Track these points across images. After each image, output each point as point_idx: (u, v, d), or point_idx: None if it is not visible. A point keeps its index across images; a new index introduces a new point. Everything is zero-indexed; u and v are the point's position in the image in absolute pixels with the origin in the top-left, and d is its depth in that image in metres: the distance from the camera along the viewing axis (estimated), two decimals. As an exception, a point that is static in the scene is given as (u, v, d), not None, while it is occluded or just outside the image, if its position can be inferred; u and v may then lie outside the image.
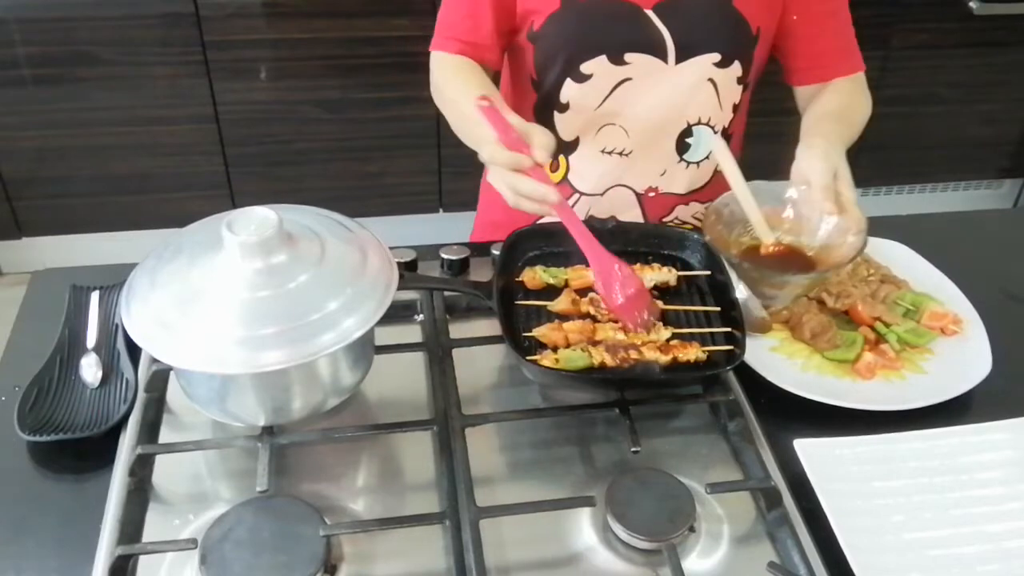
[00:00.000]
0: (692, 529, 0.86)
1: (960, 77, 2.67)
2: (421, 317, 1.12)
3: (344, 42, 2.34)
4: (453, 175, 2.59)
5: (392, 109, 2.45)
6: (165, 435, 0.97)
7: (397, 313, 1.06)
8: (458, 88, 1.14)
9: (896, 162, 2.83)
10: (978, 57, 2.64)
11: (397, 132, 2.50)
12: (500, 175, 0.97)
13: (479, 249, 1.17)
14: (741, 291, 1.08)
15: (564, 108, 1.22)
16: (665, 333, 0.99)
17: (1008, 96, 2.75)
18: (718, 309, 1.05)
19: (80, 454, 0.94)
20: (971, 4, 2.49)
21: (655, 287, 1.07)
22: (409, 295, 1.10)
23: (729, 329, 1.01)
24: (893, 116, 2.67)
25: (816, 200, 1.04)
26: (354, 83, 2.40)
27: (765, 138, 1.43)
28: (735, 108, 1.24)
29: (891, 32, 2.54)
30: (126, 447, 0.92)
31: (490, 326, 1.03)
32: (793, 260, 1.11)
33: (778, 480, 0.91)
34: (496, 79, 1.24)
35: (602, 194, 1.28)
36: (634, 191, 1.28)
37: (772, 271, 1.08)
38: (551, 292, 1.05)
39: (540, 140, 0.96)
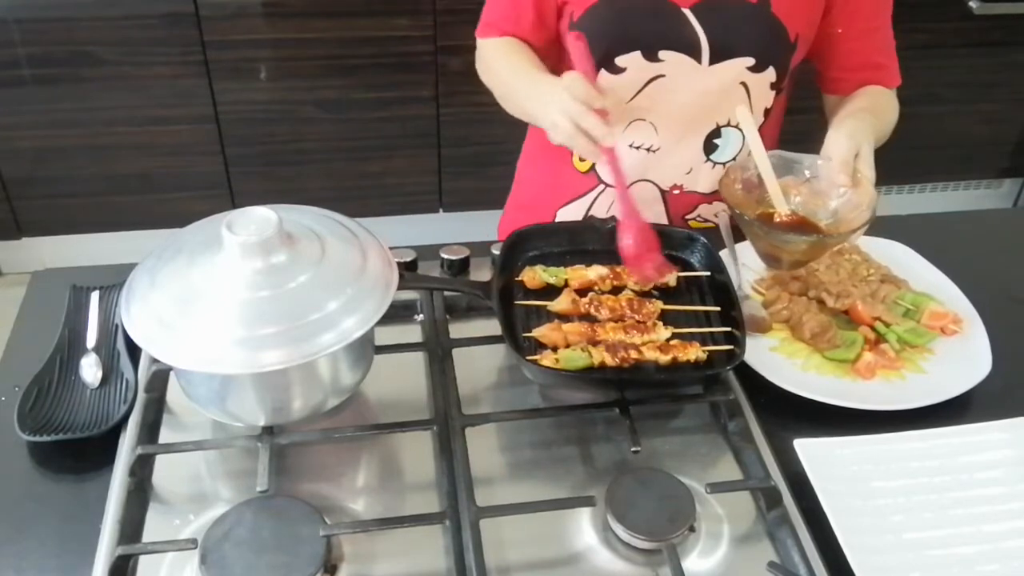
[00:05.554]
0: (692, 529, 0.86)
1: (960, 77, 2.67)
2: (421, 317, 1.12)
3: (344, 42, 2.34)
4: (453, 175, 2.59)
5: (392, 109, 2.45)
6: (165, 435, 0.97)
7: (397, 313, 1.06)
8: (513, 60, 1.20)
9: (896, 162, 2.79)
10: (978, 57, 2.63)
11: (397, 132, 2.49)
12: (567, 105, 1.01)
13: (479, 249, 1.17)
14: (741, 291, 1.07)
15: None
16: (665, 333, 0.99)
17: (1008, 96, 2.74)
18: (718, 309, 1.05)
19: (80, 454, 0.93)
20: (971, 4, 2.49)
21: (655, 287, 1.07)
22: (409, 295, 1.10)
23: (729, 329, 1.01)
24: (893, 116, 2.66)
25: (833, 172, 1.08)
26: (354, 83, 2.40)
27: (796, 136, 1.42)
28: (767, 112, 1.24)
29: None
30: (126, 447, 0.92)
31: (490, 326, 1.03)
32: (804, 231, 1.12)
33: (778, 480, 0.91)
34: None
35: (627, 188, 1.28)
36: (659, 187, 1.28)
37: (779, 231, 1.10)
38: (551, 292, 1.05)
39: (613, 102, 1.03)
